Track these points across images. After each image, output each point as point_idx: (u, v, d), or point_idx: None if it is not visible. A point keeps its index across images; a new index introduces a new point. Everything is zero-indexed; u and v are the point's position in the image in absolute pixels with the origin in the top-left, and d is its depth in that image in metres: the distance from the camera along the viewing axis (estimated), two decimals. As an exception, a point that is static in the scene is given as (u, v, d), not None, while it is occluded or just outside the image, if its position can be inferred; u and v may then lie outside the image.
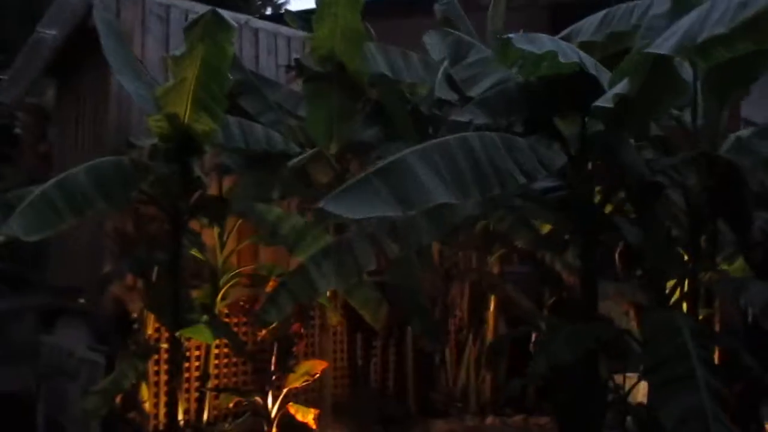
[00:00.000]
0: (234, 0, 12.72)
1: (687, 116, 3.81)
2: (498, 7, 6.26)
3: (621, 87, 2.91)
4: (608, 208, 3.98)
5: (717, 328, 4.56)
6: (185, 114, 4.29)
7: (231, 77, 4.03)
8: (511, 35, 3.78)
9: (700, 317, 4.03)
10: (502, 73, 4.39)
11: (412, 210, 2.64)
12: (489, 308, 6.43)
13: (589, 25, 4.82)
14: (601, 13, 4.90)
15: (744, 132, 4.33)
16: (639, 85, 2.90)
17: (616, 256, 5.75)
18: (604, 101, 3.03)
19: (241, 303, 5.53)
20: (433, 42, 5.08)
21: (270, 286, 5.07)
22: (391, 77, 5.46)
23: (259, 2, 17.56)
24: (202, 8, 6.08)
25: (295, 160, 4.85)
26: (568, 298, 6.35)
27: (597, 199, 3.96)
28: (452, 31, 5.17)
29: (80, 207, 3.66)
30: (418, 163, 2.75)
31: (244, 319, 5.63)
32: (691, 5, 3.22)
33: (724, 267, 4.13)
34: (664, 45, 2.59)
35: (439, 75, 4.65)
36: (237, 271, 5.36)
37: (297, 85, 6.29)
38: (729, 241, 3.99)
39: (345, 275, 3.51)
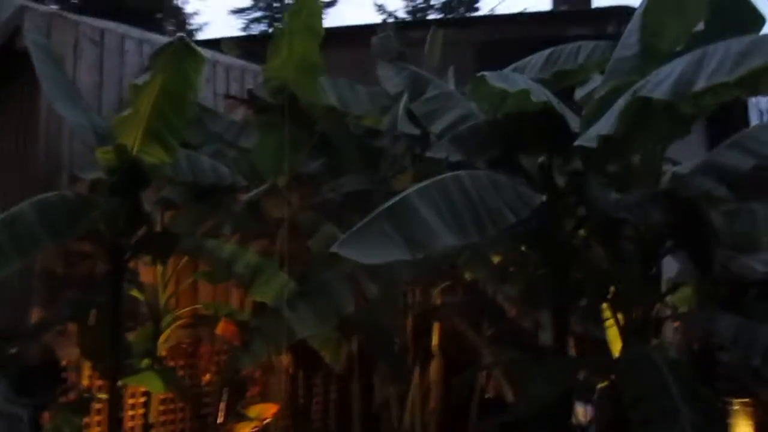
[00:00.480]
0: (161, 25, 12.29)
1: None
2: (435, 43, 6.33)
3: (605, 128, 2.96)
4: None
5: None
6: (134, 145, 4.02)
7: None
8: (485, 72, 3.81)
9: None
10: (462, 108, 4.43)
11: (422, 254, 2.55)
12: (433, 342, 6.37)
13: (534, 63, 4.95)
14: (546, 52, 5.05)
15: (680, 168, 4.57)
16: (626, 125, 2.96)
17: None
18: (587, 141, 3.07)
19: (183, 345, 5.19)
20: (388, 75, 5.07)
21: (222, 328, 4.79)
22: (339, 109, 5.40)
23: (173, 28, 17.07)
24: (138, 33, 5.83)
25: (250, 194, 4.64)
26: (510, 329, 6.42)
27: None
28: (407, 65, 5.18)
29: (26, 248, 3.30)
30: (422, 203, 2.68)
31: (187, 363, 5.28)
32: (661, 53, 3.36)
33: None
34: (658, 89, 2.66)
35: (400, 109, 4.61)
36: (181, 311, 5.02)
37: (237, 115, 6.09)
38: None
39: (324, 318, 3.35)
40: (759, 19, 3.66)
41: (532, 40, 8.15)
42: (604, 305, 5.32)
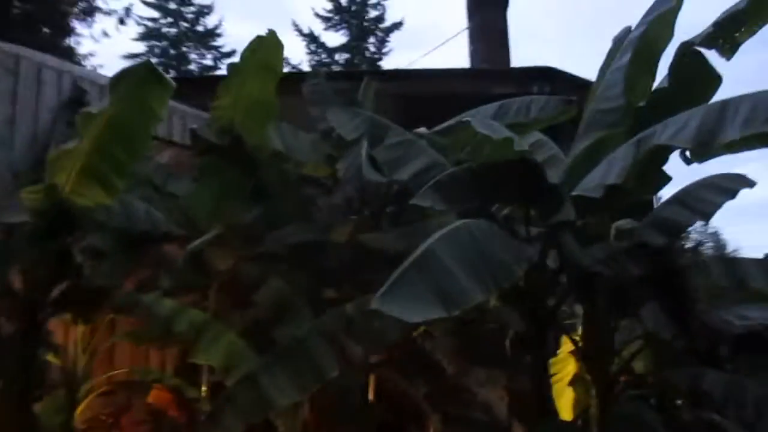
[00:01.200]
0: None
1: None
2: (368, 92, 6.22)
3: (611, 177, 2.86)
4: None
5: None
6: (67, 185, 3.49)
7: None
8: (469, 119, 3.67)
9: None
10: (427, 157, 4.27)
11: (456, 310, 2.29)
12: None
13: (482, 115, 4.92)
14: (494, 105, 5.05)
15: (625, 222, 4.64)
16: (635, 174, 2.88)
17: (507, 342, 5.76)
18: (589, 191, 2.96)
19: (103, 417, 4.51)
20: (342, 120, 4.84)
21: (155, 396, 4.20)
22: (284, 155, 5.11)
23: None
24: (58, 63, 5.26)
25: (194, 243, 4.17)
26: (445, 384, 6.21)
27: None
28: (362, 110, 4.98)
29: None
30: (444, 255, 2.43)
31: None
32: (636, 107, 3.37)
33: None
34: (679, 138, 2.60)
35: (363, 156, 4.36)
36: (100, 377, 4.38)
37: (162, 158, 5.60)
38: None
39: (304, 384, 2.95)
40: (716, 80, 3.79)
41: (457, 96, 8.31)
42: (573, 360, 5.25)
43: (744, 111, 2.42)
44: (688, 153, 2.83)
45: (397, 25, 23.24)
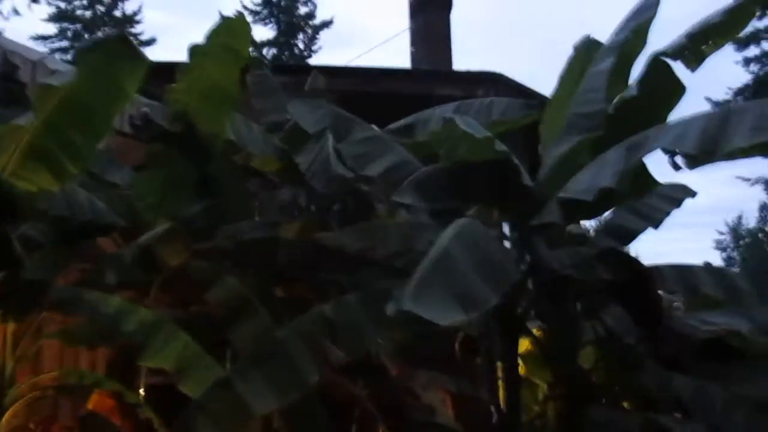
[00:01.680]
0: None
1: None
2: (317, 87, 6.05)
3: (604, 180, 2.84)
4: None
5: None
6: (8, 165, 3.13)
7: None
8: (453, 116, 3.58)
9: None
10: (395, 154, 4.15)
11: (474, 313, 2.16)
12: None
13: (438, 117, 4.86)
14: (450, 106, 5.01)
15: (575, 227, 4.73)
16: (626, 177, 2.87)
17: (456, 345, 5.72)
18: (581, 194, 2.93)
19: (31, 426, 4.09)
20: (301, 112, 4.64)
21: (95, 401, 3.84)
22: (236, 146, 4.85)
23: None
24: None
25: (145, 236, 3.85)
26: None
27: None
28: (324, 103, 4.80)
29: None
30: (459, 256, 2.31)
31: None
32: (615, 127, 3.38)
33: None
34: (682, 144, 2.60)
35: (330, 150, 4.17)
36: (29, 381, 3.97)
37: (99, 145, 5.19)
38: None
39: (285, 391, 2.74)
40: (681, 89, 3.89)
41: (401, 97, 8.23)
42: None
43: (751, 119, 2.44)
44: (679, 159, 2.83)
45: (327, 24, 23.02)
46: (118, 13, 25.79)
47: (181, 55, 4.10)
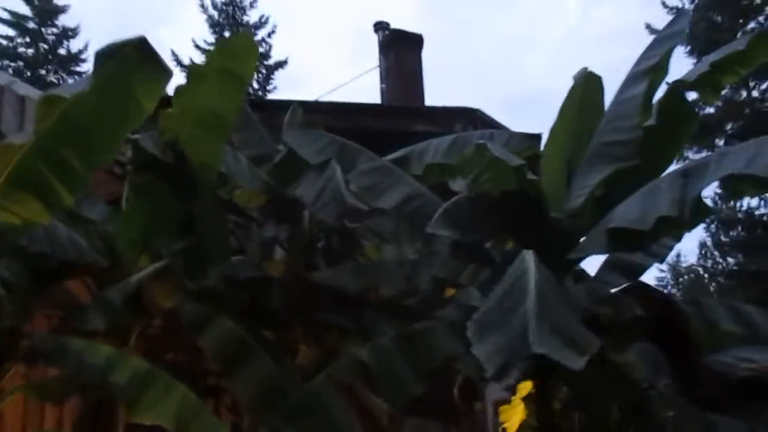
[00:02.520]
0: None
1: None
2: (294, 121, 5.81)
3: (662, 209, 2.66)
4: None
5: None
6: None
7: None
8: (484, 141, 3.38)
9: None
10: (408, 185, 3.92)
11: (586, 357, 1.90)
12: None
13: (435, 149, 4.69)
14: (447, 139, 4.85)
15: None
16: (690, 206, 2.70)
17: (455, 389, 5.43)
18: (634, 223, 2.74)
19: None
20: (301, 142, 4.37)
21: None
22: (225, 179, 4.53)
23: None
24: None
25: (137, 276, 3.46)
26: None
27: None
28: (324, 133, 4.54)
29: None
30: (555, 301, 2.05)
31: None
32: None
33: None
34: (753, 168, 2.45)
35: (340, 181, 3.90)
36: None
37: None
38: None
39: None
40: (694, 118, 3.84)
41: (376, 133, 8.05)
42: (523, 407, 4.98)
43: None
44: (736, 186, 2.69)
45: (281, 64, 22.84)
46: (62, 51, 24.94)
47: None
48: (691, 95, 3.71)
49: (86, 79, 2.45)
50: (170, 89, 3.91)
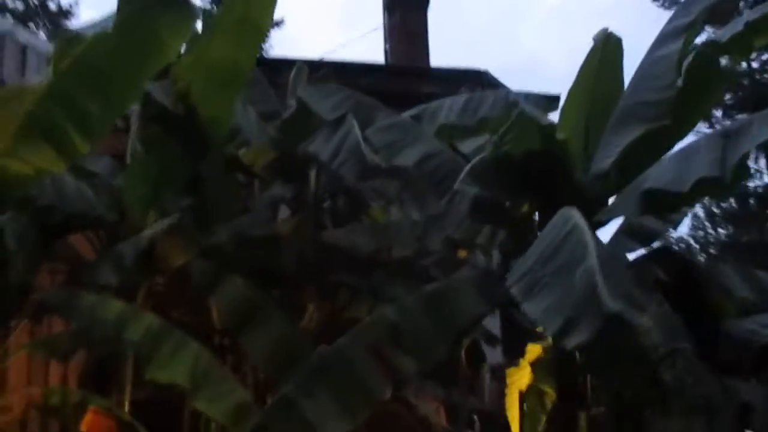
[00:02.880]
0: None
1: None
2: (300, 80, 5.65)
3: (705, 169, 2.57)
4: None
5: None
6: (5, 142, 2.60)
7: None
8: (515, 99, 3.26)
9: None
10: (427, 143, 3.80)
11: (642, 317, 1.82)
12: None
13: (447, 109, 4.56)
14: (459, 99, 4.71)
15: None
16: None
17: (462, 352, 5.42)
18: (675, 185, 2.65)
19: None
20: (316, 98, 4.23)
21: (89, 424, 3.29)
22: (235, 134, 4.40)
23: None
24: None
25: (150, 232, 3.35)
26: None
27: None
28: (339, 87, 4.39)
29: None
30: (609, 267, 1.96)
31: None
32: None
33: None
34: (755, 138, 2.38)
35: (359, 137, 3.77)
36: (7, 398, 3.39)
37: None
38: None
39: (355, 410, 2.32)
40: (723, 81, 3.73)
41: (379, 93, 7.86)
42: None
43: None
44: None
45: (277, 23, 22.30)
46: (53, 6, 24.23)
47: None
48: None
49: (108, 18, 2.30)
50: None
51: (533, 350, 5.25)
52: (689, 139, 3.35)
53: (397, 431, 5.22)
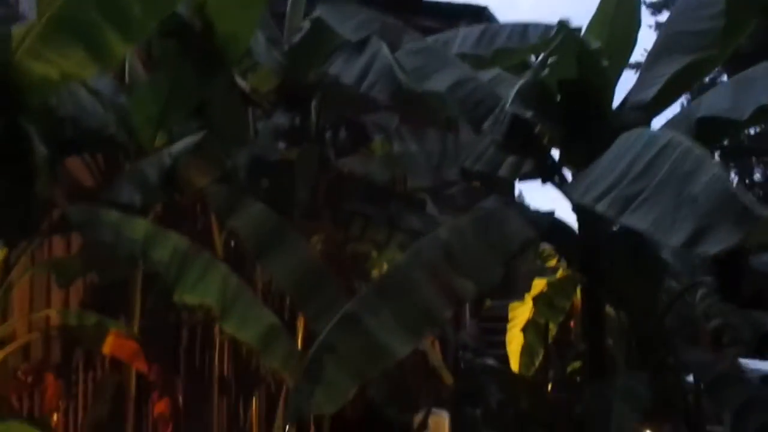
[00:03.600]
0: None
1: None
2: (297, 7, 5.40)
3: (727, 101, 2.53)
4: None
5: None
6: (21, 42, 2.39)
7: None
8: (564, 20, 3.15)
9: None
10: (457, 68, 3.68)
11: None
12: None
13: (462, 40, 4.44)
14: (475, 30, 4.59)
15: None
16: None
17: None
18: (731, 112, 2.61)
19: (20, 374, 3.36)
20: (338, 18, 4.04)
21: (113, 347, 3.18)
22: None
23: None
24: None
25: (174, 149, 3.18)
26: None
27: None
28: (361, 7, 4.20)
29: None
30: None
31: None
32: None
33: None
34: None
35: (390, 59, 3.62)
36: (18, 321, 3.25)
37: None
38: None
39: (419, 328, 2.27)
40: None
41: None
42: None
43: None
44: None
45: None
46: None
47: None
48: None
49: None
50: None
51: (537, 285, 5.31)
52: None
53: (399, 366, 5.24)
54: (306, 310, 3.26)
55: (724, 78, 13.38)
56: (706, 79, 11.89)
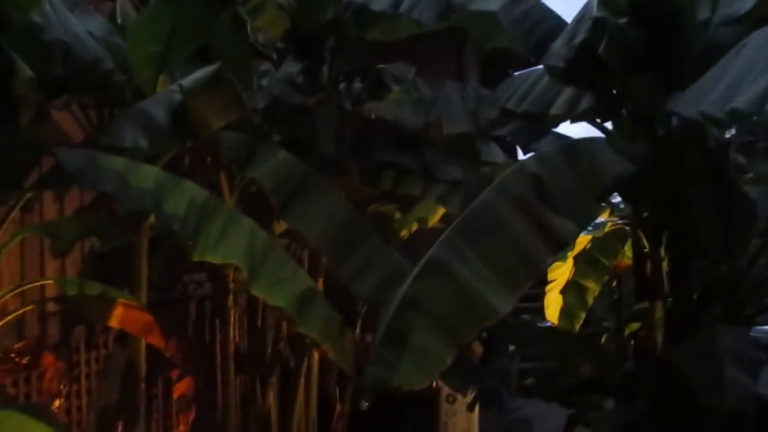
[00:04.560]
0: None
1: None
2: None
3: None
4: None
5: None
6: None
7: None
8: None
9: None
10: (545, 12, 3.17)
11: None
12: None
13: None
14: None
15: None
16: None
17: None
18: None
19: (12, 355, 2.87)
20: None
21: (122, 319, 2.70)
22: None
23: None
24: None
25: (184, 85, 2.68)
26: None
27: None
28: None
29: None
30: None
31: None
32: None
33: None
34: None
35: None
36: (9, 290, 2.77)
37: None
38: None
39: (517, 279, 1.81)
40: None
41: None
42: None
43: None
44: None
45: None
46: None
47: None
48: None
49: None
50: None
51: (579, 242, 4.86)
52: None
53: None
54: (341, 270, 2.80)
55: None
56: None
